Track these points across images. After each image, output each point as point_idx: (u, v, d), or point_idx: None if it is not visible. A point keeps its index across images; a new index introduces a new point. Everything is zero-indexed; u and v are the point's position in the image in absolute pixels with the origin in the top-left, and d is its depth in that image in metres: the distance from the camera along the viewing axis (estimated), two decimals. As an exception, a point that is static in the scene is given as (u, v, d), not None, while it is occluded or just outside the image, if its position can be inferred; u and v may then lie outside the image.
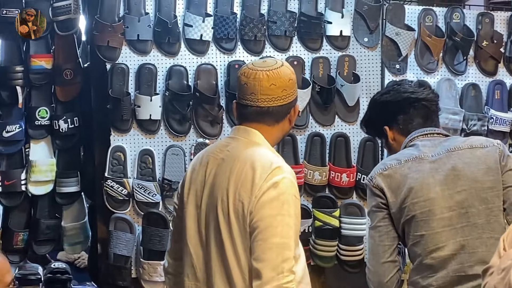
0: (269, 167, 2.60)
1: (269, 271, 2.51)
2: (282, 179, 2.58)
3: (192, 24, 3.98)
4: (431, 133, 2.92)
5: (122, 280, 3.91)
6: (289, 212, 2.56)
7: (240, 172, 2.64)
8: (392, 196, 2.82)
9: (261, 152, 2.67)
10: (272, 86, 2.68)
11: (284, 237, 2.54)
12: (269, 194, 2.56)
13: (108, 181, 3.90)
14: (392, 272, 2.83)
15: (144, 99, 3.93)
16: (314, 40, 4.14)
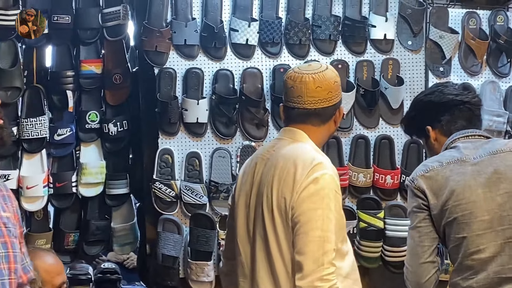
0: (310, 163, 2.70)
1: (310, 264, 2.60)
2: (323, 175, 2.67)
3: (238, 28, 4.05)
4: (472, 135, 2.94)
5: (170, 280, 3.98)
6: (329, 207, 2.65)
7: (283, 169, 2.74)
8: (433, 198, 2.85)
9: (303, 150, 2.77)
10: (318, 88, 2.78)
11: (325, 230, 2.62)
12: (310, 189, 2.66)
13: (156, 183, 3.97)
14: (430, 273, 2.86)
15: (191, 102, 4.00)
16: (358, 43, 4.18)
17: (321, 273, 2.59)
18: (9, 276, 2.07)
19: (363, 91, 4.14)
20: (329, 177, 2.70)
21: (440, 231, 2.87)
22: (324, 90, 2.79)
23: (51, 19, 3.99)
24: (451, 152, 2.91)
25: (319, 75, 2.80)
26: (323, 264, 2.60)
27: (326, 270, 2.60)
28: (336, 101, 2.84)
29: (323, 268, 2.59)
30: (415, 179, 2.91)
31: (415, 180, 2.90)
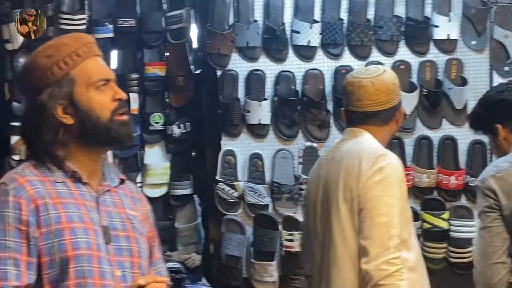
0: (374, 155, 2.78)
1: (376, 248, 2.66)
2: (388, 164, 2.76)
3: (299, 30, 4.07)
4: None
5: (234, 280, 4.02)
6: (394, 194, 2.72)
7: (348, 163, 2.82)
8: (504, 198, 2.82)
9: (367, 143, 2.85)
10: (377, 91, 2.86)
11: (390, 216, 2.69)
12: (375, 177, 2.73)
13: (219, 184, 4.02)
14: (501, 274, 2.83)
15: (254, 104, 4.04)
16: (421, 44, 4.17)
17: (387, 256, 2.64)
18: (132, 269, 2.11)
19: (426, 91, 4.12)
20: (394, 166, 2.77)
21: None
22: (383, 93, 2.86)
23: (116, 23, 4.08)
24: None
25: (377, 79, 2.88)
26: (389, 248, 2.65)
27: (392, 254, 2.65)
28: (395, 102, 2.90)
29: (389, 252, 2.65)
30: (486, 179, 2.89)
31: (485, 180, 2.88)
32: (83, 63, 2.14)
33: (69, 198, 2.10)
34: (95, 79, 2.13)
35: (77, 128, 2.12)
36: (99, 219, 2.11)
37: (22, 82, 2.23)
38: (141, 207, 2.26)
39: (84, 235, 2.06)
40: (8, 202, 2.05)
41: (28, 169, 2.13)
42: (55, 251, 2.04)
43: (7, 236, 2.03)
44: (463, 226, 4.07)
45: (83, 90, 2.12)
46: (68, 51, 2.14)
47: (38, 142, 2.14)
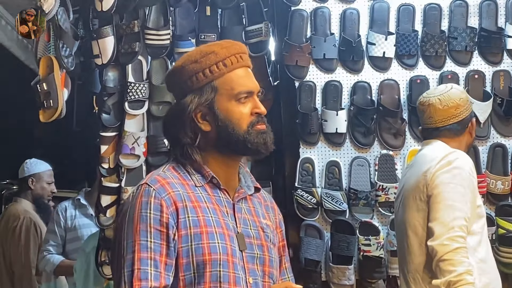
0: (444, 152, 3.02)
1: (440, 227, 2.87)
2: (456, 158, 3.00)
3: (375, 42, 4.19)
4: None
5: (313, 283, 4.14)
6: (461, 183, 2.94)
7: (421, 163, 3.08)
8: None
9: (438, 147, 3.09)
10: (445, 107, 3.13)
11: (455, 200, 2.91)
12: (443, 168, 2.97)
13: (298, 190, 4.16)
14: None
15: (331, 113, 4.17)
16: (494, 54, 4.23)
17: (450, 234, 2.84)
18: (263, 278, 2.15)
19: (500, 100, 4.18)
20: (463, 159, 2.99)
21: None
22: (451, 108, 3.12)
23: (199, 37, 4.24)
24: None
25: (444, 96, 3.15)
26: (453, 227, 2.85)
27: (455, 232, 2.84)
28: (465, 115, 3.15)
29: (453, 230, 2.85)
30: None
31: None
32: (229, 73, 2.16)
33: (208, 202, 2.14)
34: (237, 91, 2.16)
35: (214, 135, 2.17)
36: (235, 226, 2.15)
37: (169, 84, 2.31)
38: (273, 216, 2.31)
39: (221, 240, 2.10)
40: (150, 203, 2.09)
41: (170, 171, 2.18)
42: (193, 254, 2.08)
43: (148, 237, 2.06)
44: (538, 231, 4.12)
45: (224, 100, 2.16)
46: (215, 59, 2.16)
47: (178, 144, 2.20)
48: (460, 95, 3.17)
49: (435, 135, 3.14)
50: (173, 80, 2.24)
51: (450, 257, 2.81)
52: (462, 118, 3.13)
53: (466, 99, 3.18)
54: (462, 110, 3.14)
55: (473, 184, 3.00)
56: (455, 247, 2.82)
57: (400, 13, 4.23)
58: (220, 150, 2.19)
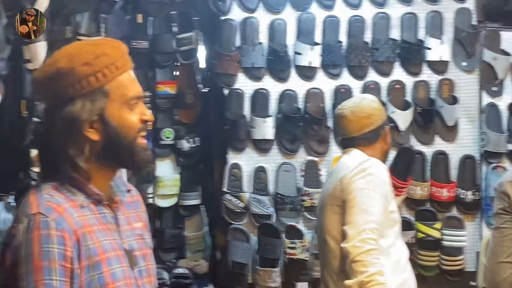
0: (359, 160, 3.14)
1: (353, 230, 2.97)
2: (370, 165, 3.10)
3: (301, 52, 4.31)
4: None
5: (240, 285, 4.24)
6: (374, 189, 3.05)
7: (338, 171, 3.20)
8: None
9: (355, 156, 3.21)
10: (357, 118, 3.24)
11: (368, 205, 3.02)
12: (358, 174, 3.08)
13: (226, 195, 4.25)
14: (507, 272, 2.93)
15: (259, 120, 4.27)
16: (415, 65, 4.39)
17: (361, 236, 2.94)
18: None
19: (420, 109, 4.34)
20: (376, 167, 3.11)
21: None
22: (363, 119, 3.23)
23: (130, 44, 4.28)
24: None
25: (356, 107, 3.26)
26: (364, 230, 2.95)
27: (367, 234, 2.94)
28: (378, 124, 3.25)
29: (364, 232, 2.95)
30: (503, 184, 3.00)
31: (503, 185, 3.00)
32: (119, 77, 1.93)
33: (97, 224, 1.93)
34: (129, 96, 1.94)
35: (101, 145, 1.93)
36: (121, 243, 1.96)
37: (46, 87, 1.96)
38: (140, 211, 2.11)
39: (118, 264, 1.93)
40: (51, 236, 1.84)
41: (54, 192, 1.91)
42: (95, 285, 1.88)
43: (52, 275, 1.83)
44: (454, 235, 4.29)
45: (115, 106, 1.92)
46: (107, 61, 1.92)
47: (60, 158, 1.92)
48: (371, 104, 3.27)
49: (351, 145, 3.25)
50: (55, 83, 1.92)
51: (362, 258, 2.91)
52: (375, 127, 3.23)
53: (378, 109, 3.27)
54: (374, 119, 3.23)
55: (386, 190, 3.10)
56: (367, 249, 2.91)
57: (325, 24, 4.36)
58: (104, 161, 1.95)
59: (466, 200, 4.34)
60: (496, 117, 4.41)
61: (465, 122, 4.41)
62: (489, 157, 4.37)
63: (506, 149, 4.38)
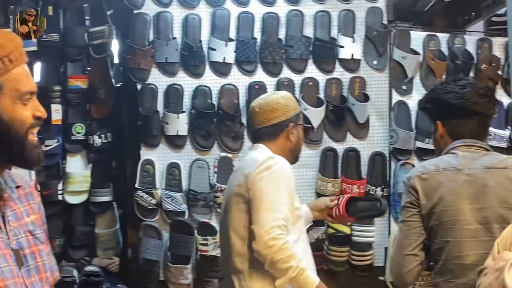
0: (263, 157, 3.15)
1: (261, 229, 2.98)
2: (275, 163, 3.13)
3: (216, 48, 4.31)
4: (473, 145, 2.98)
5: (151, 283, 4.22)
6: (280, 187, 3.07)
7: (242, 167, 3.22)
8: (424, 199, 2.95)
9: (260, 152, 3.22)
10: (261, 111, 3.29)
11: (275, 202, 3.04)
12: (263, 173, 3.09)
13: (138, 191, 4.21)
14: (412, 265, 2.96)
15: (172, 116, 4.25)
16: (327, 62, 4.45)
17: (271, 235, 2.96)
18: (42, 287, 1.98)
19: (332, 107, 4.40)
20: (280, 164, 3.13)
21: (427, 231, 2.98)
22: (266, 112, 3.27)
23: (40, 37, 4.16)
24: (450, 158, 2.98)
25: (263, 101, 3.32)
26: (273, 227, 2.97)
27: (275, 232, 2.97)
28: (281, 119, 3.26)
29: (273, 230, 2.97)
30: (411, 178, 3.02)
31: (411, 179, 3.01)
32: (13, 70, 1.88)
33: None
34: (23, 90, 1.89)
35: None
36: (8, 242, 1.91)
37: None
38: (33, 203, 2.05)
39: (5, 263, 1.88)
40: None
41: None
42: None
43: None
44: (364, 231, 4.38)
45: (8, 100, 1.87)
46: (1, 54, 1.87)
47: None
48: (279, 100, 3.30)
49: (257, 139, 3.30)
50: None
51: (280, 256, 2.94)
52: (277, 122, 3.25)
53: (285, 105, 3.29)
54: (277, 114, 3.26)
55: (291, 187, 3.13)
56: (280, 245, 2.94)
57: (240, 20, 4.37)
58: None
59: (375, 196, 4.43)
60: (405, 115, 4.52)
61: (376, 119, 4.50)
62: (398, 154, 4.47)
63: (414, 146, 4.48)
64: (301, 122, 3.37)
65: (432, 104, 3.09)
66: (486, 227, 2.89)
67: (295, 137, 3.29)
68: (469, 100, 2.98)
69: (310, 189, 4.41)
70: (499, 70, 4.65)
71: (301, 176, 4.37)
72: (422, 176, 2.99)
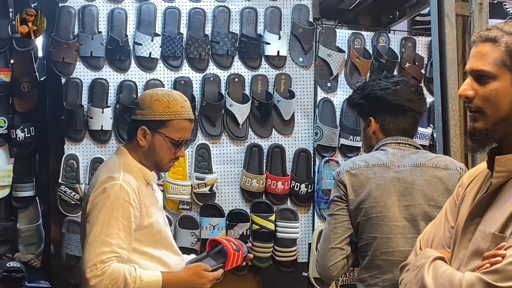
0: (106, 175, 2.93)
1: (85, 264, 2.79)
2: (112, 185, 2.88)
3: (141, 42, 4.29)
4: (404, 143, 3.04)
5: (73, 278, 4.14)
6: (112, 214, 2.84)
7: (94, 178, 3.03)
8: (352, 194, 3.00)
9: (110, 163, 3.04)
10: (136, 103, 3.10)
11: (104, 234, 2.81)
12: (98, 197, 2.87)
13: (61, 186, 4.16)
14: (337, 258, 3.00)
15: (96, 111, 4.21)
16: (253, 59, 4.46)
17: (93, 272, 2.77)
18: None
19: (258, 103, 4.41)
20: (119, 187, 2.88)
21: (354, 226, 3.02)
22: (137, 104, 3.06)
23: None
24: (380, 154, 3.03)
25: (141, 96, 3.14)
26: (95, 264, 2.78)
27: (98, 266, 2.77)
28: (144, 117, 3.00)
29: (95, 267, 2.77)
30: (341, 173, 3.05)
31: (340, 174, 3.05)
32: None
33: None
34: None
35: None
36: None
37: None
38: None
39: None
40: None
41: None
42: None
43: None
44: (288, 227, 4.40)
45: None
46: None
47: None
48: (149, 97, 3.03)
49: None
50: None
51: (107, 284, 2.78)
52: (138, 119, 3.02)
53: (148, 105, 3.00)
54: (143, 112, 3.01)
55: (128, 211, 2.87)
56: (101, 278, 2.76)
57: (166, 15, 4.35)
58: None
59: (299, 193, 4.46)
60: (330, 112, 4.56)
61: (301, 116, 4.53)
62: (322, 151, 4.51)
63: (339, 143, 4.54)
64: (172, 134, 3.00)
65: (366, 100, 3.12)
66: (413, 224, 2.96)
67: (145, 143, 3.01)
68: (403, 97, 3.04)
69: (235, 185, 4.42)
70: (422, 69, 4.74)
71: (226, 172, 4.39)
72: (351, 171, 3.04)
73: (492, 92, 2.05)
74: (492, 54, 2.07)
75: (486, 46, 2.08)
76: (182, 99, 3.05)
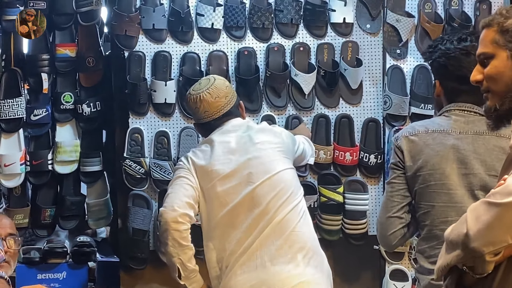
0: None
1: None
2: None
3: (203, 13, 4.22)
4: (468, 110, 2.95)
5: (141, 252, 4.18)
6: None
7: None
8: (409, 160, 2.93)
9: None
10: (217, 99, 3.43)
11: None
12: None
13: (126, 160, 4.16)
14: (396, 227, 2.95)
15: (160, 84, 4.18)
16: (319, 27, 4.33)
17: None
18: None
19: (324, 72, 4.29)
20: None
21: (412, 194, 2.95)
22: (222, 98, 3.43)
23: (27, 5, 4.14)
24: (441, 120, 2.97)
25: (212, 88, 3.44)
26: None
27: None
28: (234, 100, 3.51)
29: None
30: (399, 138, 2.99)
31: (399, 139, 2.99)
32: None
33: None
34: None
35: None
36: None
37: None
38: None
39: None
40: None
41: None
42: None
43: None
44: (357, 199, 4.28)
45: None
46: None
47: None
48: (224, 83, 3.51)
49: (218, 125, 3.43)
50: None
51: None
52: (233, 103, 3.46)
53: (230, 86, 3.56)
54: (230, 96, 3.47)
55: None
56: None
57: (228, -15, 4.28)
58: None
59: (369, 164, 4.33)
60: (399, 80, 4.39)
61: (369, 85, 4.39)
62: (392, 120, 4.35)
63: (409, 112, 4.36)
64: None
65: (431, 63, 3.08)
66: (472, 194, 2.85)
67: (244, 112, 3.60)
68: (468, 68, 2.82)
69: (301, 157, 4.33)
70: (498, 32, 4.50)
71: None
72: (409, 137, 2.96)
73: (493, 70, 2.25)
74: (488, 37, 2.27)
75: (484, 32, 2.29)
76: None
